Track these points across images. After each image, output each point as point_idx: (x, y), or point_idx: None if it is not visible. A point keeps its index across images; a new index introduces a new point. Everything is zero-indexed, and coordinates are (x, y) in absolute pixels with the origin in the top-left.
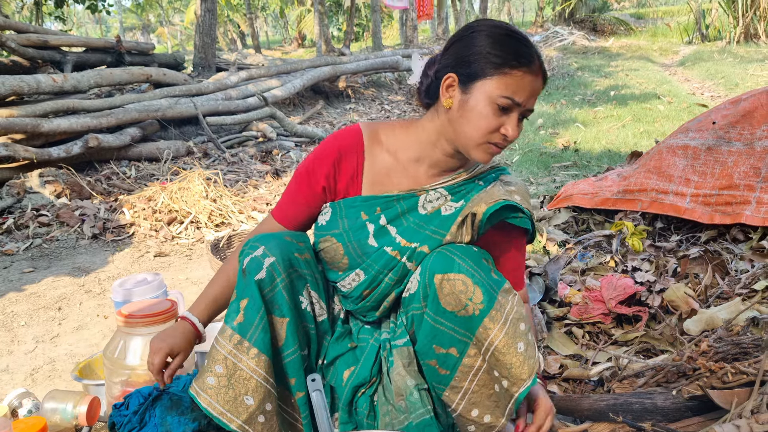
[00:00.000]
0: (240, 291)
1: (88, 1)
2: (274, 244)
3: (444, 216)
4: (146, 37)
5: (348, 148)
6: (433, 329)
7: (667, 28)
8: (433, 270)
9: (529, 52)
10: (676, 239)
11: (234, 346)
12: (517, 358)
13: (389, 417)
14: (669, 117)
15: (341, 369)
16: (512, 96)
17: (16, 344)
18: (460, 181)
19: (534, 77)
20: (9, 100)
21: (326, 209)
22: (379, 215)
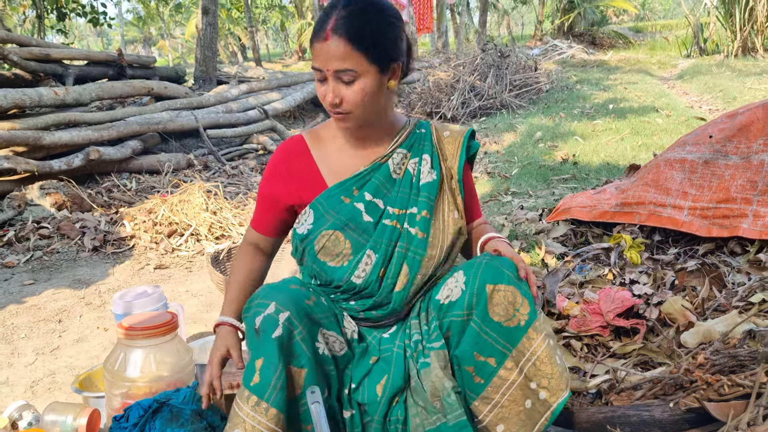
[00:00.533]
0: (255, 350)
1: (89, 14)
2: (284, 298)
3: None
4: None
5: (291, 155)
6: (478, 336)
7: (665, 41)
8: (484, 280)
9: (322, 21)
10: (674, 252)
11: (252, 408)
12: (557, 369)
13: (419, 418)
14: (667, 130)
15: (372, 385)
16: (314, 65)
17: (16, 356)
18: (406, 137)
19: (323, 43)
20: (11, 113)
21: (307, 212)
22: (362, 192)
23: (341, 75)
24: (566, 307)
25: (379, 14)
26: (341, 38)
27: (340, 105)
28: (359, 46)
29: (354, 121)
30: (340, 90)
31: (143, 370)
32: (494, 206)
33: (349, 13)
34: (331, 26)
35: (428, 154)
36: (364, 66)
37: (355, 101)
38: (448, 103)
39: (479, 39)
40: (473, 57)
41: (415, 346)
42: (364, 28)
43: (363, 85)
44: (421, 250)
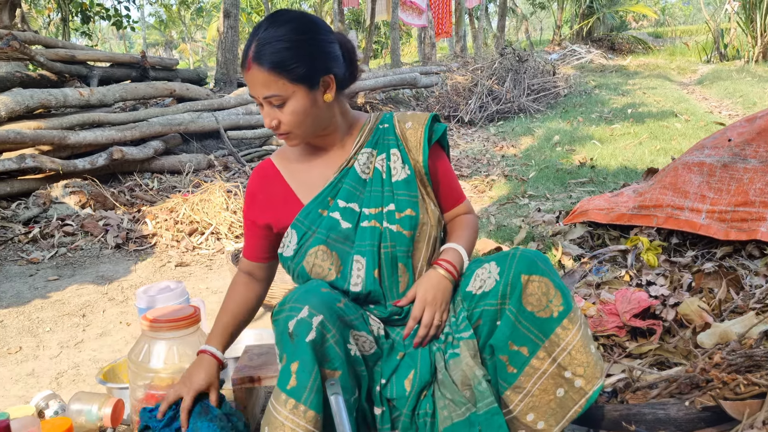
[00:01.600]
0: (290, 354)
1: (113, 17)
2: (317, 301)
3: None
4: (169, 53)
5: (262, 180)
6: (513, 325)
7: (685, 47)
8: (519, 270)
9: (244, 54)
10: (692, 255)
11: (290, 411)
12: (592, 358)
13: (447, 411)
14: (686, 135)
15: (401, 381)
16: (249, 93)
17: (41, 349)
18: (368, 134)
19: (247, 72)
20: (37, 112)
21: (290, 234)
22: (336, 201)
23: (270, 100)
24: (583, 308)
25: (299, 33)
26: (260, 66)
27: (278, 127)
28: (280, 71)
29: (298, 138)
30: (275, 113)
31: (166, 361)
32: (511, 208)
33: (266, 41)
34: (251, 55)
35: (395, 148)
36: (288, 89)
37: (290, 122)
38: (465, 106)
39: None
40: (491, 61)
41: (444, 338)
42: (282, 52)
43: (294, 106)
44: (408, 248)
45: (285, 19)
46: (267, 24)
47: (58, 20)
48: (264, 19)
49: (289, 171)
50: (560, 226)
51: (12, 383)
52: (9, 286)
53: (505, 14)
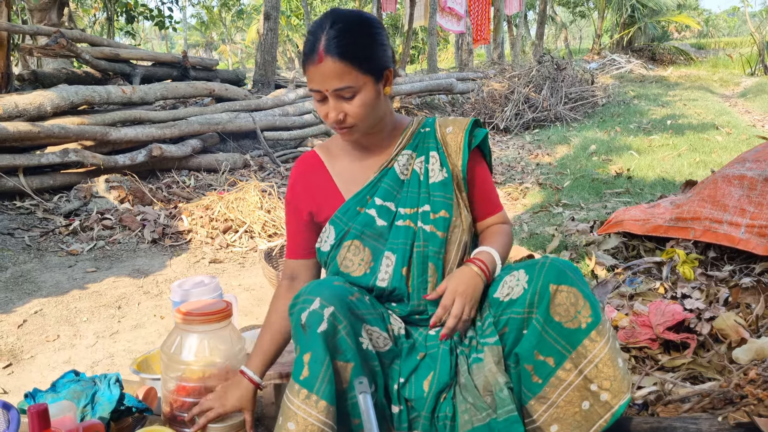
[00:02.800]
0: (303, 345)
1: (156, 17)
2: (329, 294)
3: (441, 182)
4: (209, 54)
5: (307, 170)
6: (539, 335)
7: (728, 59)
8: (547, 279)
9: (312, 45)
10: (729, 269)
11: (302, 401)
12: (619, 372)
13: (468, 415)
14: (727, 148)
15: (419, 381)
16: (312, 87)
17: (78, 338)
18: (409, 137)
19: (316, 65)
20: (81, 108)
21: (327, 229)
22: (373, 199)
23: (341, 93)
24: (615, 318)
25: (364, 27)
26: (334, 57)
27: (344, 121)
28: (353, 62)
29: (359, 132)
30: (342, 106)
31: (197, 354)
32: (544, 217)
33: (337, 33)
34: (322, 48)
35: (435, 151)
36: (360, 80)
37: (358, 115)
38: (501, 114)
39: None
40: (529, 69)
41: (468, 342)
42: (354, 44)
43: (363, 98)
44: (440, 248)
45: (349, 14)
46: (332, 19)
47: (103, 19)
48: (325, 15)
49: (333, 164)
50: (594, 235)
51: (49, 370)
52: (49, 276)
53: (544, 22)
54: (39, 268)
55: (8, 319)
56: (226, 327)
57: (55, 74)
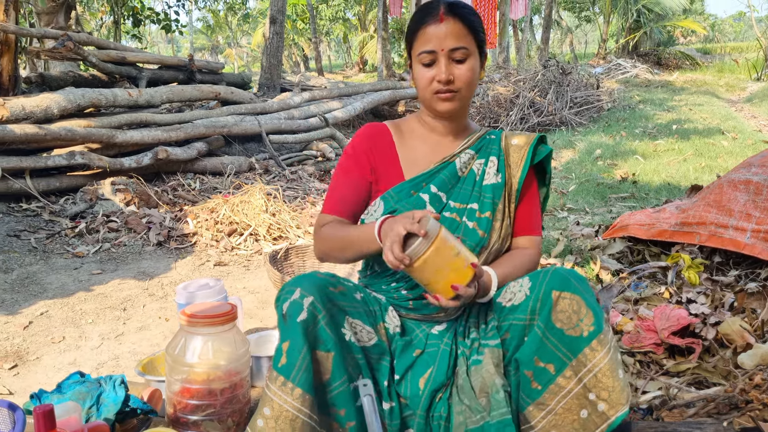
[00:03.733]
0: (283, 334)
1: (163, 21)
2: (309, 284)
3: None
4: (214, 58)
5: (379, 135)
6: (540, 341)
7: (734, 64)
8: (550, 286)
9: (430, 10)
10: (735, 274)
11: (279, 387)
12: (618, 383)
13: (463, 416)
14: (733, 153)
15: (415, 378)
16: (425, 49)
17: (83, 340)
18: (475, 140)
19: (436, 24)
20: (87, 111)
21: (377, 204)
22: (428, 186)
23: (455, 53)
24: (620, 323)
25: (471, 7)
26: (456, 19)
27: (451, 83)
28: (470, 27)
29: (459, 101)
30: (452, 69)
31: (201, 357)
32: (549, 221)
33: (453, 3)
34: (443, 10)
35: (495, 156)
36: (473, 46)
37: (466, 79)
38: (506, 118)
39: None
40: (534, 73)
41: (470, 344)
42: (472, 15)
43: (472, 64)
44: (477, 245)
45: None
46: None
47: (110, 23)
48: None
49: (401, 140)
50: (599, 240)
51: (55, 371)
52: (55, 277)
53: (549, 26)
54: (45, 269)
55: (14, 320)
56: (230, 329)
57: (62, 77)
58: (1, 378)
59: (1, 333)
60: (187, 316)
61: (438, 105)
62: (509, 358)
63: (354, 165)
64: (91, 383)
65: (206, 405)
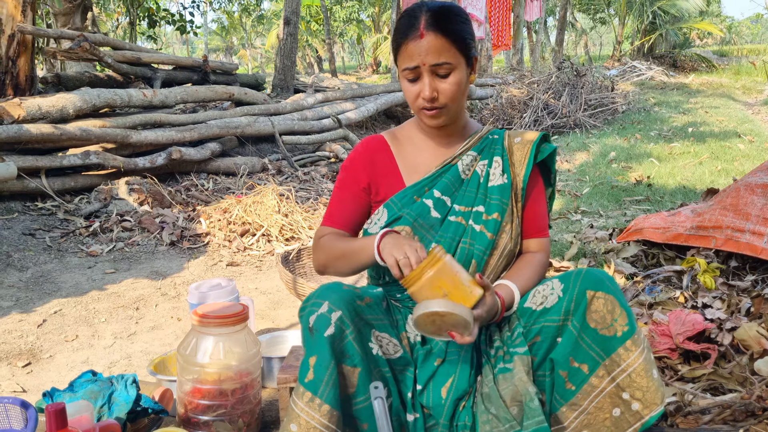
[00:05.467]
0: (309, 348)
1: (178, 22)
2: (337, 297)
3: (501, 186)
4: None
5: (376, 149)
6: (575, 341)
7: (751, 66)
8: (584, 286)
9: (411, 23)
10: (751, 279)
11: (306, 403)
12: (653, 383)
13: (489, 426)
14: (749, 156)
15: (437, 388)
16: (407, 66)
17: (96, 339)
18: (477, 140)
19: (416, 41)
20: (102, 111)
21: (380, 212)
22: (432, 191)
23: (438, 68)
24: None
25: (458, 13)
26: (436, 33)
27: (436, 99)
28: (452, 39)
29: (446, 115)
30: (437, 84)
31: (212, 357)
32: (563, 224)
33: (437, 13)
34: (423, 25)
35: (499, 156)
36: (457, 59)
37: (451, 94)
38: (520, 120)
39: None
40: (548, 75)
41: (495, 352)
42: (454, 25)
43: (457, 77)
44: (486, 248)
45: (440, 2)
46: (428, 5)
47: (125, 24)
48: (417, 4)
49: (399, 149)
50: (613, 243)
51: (68, 370)
52: (69, 276)
53: (564, 28)
54: (59, 268)
55: (28, 318)
56: (242, 330)
57: (78, 77)
58: (15, 376)
59: (16, 331)
60: (199, 316)
61: (426, 120)
62: (539, 362)
63: (350, 179)
64: (102, 382)
65: (217, 405)
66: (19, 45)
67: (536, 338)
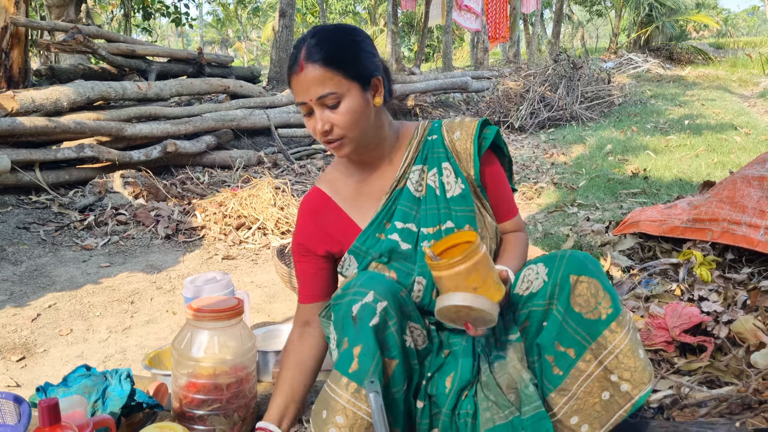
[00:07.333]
0: (352, 337)
1: (173, 14)
2: (383, 288)
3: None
4: (224, 51)
5: (314, 210)
6: (560, 326)
7: (748, 58)
8: (568, 270)
9: (295, 55)
10: (748, 272)
11: (351, 394)
12: (640, 363)
13: (489, 413)
14: (746, 149)
15: (442, 378)
16: (296, 99)
17: (91, 333)
18: (416, 149)
19: (297, 75)
20: (97, 104)
21: (348, 259)
22: (392, 224)
23: (324, 100)
24: None
25: (345, 35)
26: (315, 63)
27: (331, 132)
28: (334, 67)
29: (349, 145)
30: (328, 117)
31: (207, 351)
32: (559, 217)
33: (317, 41)
34: (302, 57)
35: (446, 162)
36: (344, 85)
37: (344, 123)
38: (516, 112)
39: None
40: (545, 67)
41: (486, 340)
42: (335, 50)
43: (348, 104)
44: None
45: (330, 26)
46: (313, 32)
47: (120, 16)
48: (307, 31)
49: (340, 196)
50: (609, 236)
51: (62, 364)
52: (63, 270)
53: (560, 20)
54: (53, 262)
55: (22, 312)
56: (237, 324)
57: (72, 70)
58: (9, 370)
59: (10, 325)
60: (194, 310)
61: (334, 152)
62: (529, 345)
63: (305, 255)
64: (96, 377)
65: (212, 400)
66: (12, 37)
67: (525, 323)
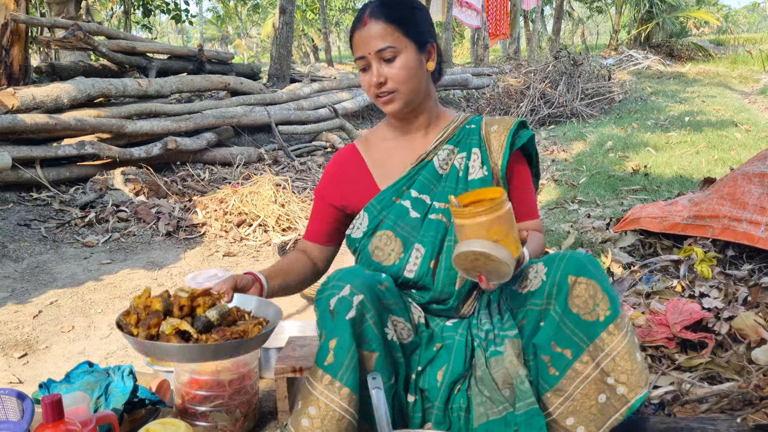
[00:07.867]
0: (329, 331)
1: (173, 11)
2: (359, 282)
3: (481, 179)
4: (224, 48)
5: (345, 164)
6: (557, 326)
7: (748, 55)
8: (566, 271)
9: (359, 15)
10: (748, 268)
11: (325, 386)
12: (637, 366)
13: (483, 408)
14: (746, 145)
15: (434, 372)
16: (356, 55)
17: (92, 329)
18: (452, 132)
19: (360, 30)
20: (97, 101)
21: (361, 216)
22: (409, 191)
23: (383, 53)
24: (631, 317)
25: (405, 1)
26: (378, 19)
27: (384, 84)
28: (395, 23)
29: (399, 101)
30: (383, 70)
31: None
32: (560, 213)
33: (381, 2)
34: (367, 14)
35: (477, 148)
36: (402, 42)
37: (398, 77)
38: (516, 109)
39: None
40: (545, 64)
41: (485, 335)
42: (398, 9)
43: (404, 60)
44: None
45: None
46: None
47: (120, 13)
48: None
49: (371, 156)
50: (610, 233)
51: (64, 361)
52: (65, 267)
53: (561, 17)
54: (55, 259)
55: (24, 309)
56: None
57: (72, 67)
58: (11, 367)
59: (12, 322)
60: None
61: (382, 108)
62: (526, 344)
63: (321, 203)
64: (99, 373)
65: (214, 396)
66: (12, 34)
67: (523, 321)
